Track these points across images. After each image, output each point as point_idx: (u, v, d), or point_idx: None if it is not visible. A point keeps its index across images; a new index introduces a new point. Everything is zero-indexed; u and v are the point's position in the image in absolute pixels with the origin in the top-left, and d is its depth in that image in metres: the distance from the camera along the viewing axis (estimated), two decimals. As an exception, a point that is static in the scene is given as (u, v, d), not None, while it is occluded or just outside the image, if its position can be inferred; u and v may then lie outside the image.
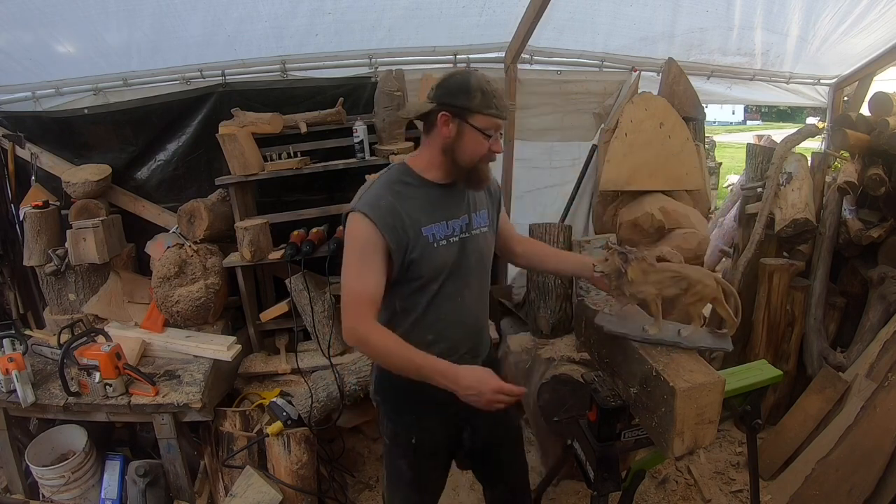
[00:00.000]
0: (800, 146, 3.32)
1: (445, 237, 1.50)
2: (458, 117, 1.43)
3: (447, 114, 1.43)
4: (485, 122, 1.43)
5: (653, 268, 1.54)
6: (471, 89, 1.40)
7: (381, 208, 1.43)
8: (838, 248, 3.11)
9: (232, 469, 2.43)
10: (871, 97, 3.29)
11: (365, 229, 1.41)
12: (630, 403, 1.60)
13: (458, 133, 1.44)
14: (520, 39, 3.04)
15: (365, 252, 1.42)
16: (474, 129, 1.43)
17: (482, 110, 1.42)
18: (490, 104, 1.42)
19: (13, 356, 2.31)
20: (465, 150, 1.46)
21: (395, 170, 1.54)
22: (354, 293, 1.42)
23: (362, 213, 1.42)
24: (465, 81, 1.42)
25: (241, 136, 2.69)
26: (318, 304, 2.68)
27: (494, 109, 1.43)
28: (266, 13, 2.77)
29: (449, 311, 1.54)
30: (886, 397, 2.28)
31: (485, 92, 1.41)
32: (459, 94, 1.41)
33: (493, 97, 1.42)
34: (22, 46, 2.75)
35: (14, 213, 3.02)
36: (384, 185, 1.49)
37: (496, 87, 1.44)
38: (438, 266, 1.49)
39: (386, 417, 1.67)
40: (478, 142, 1.45)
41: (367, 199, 1.45)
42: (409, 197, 1.47)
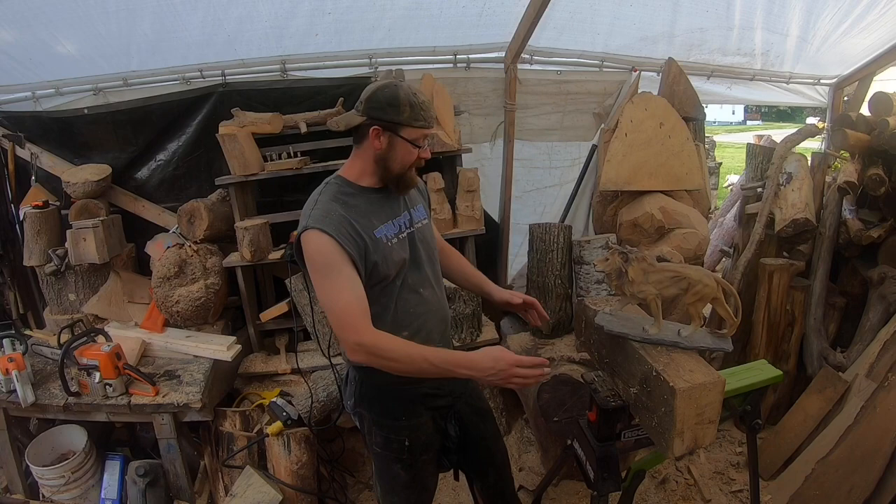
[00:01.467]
0: (800, 146, 3.32)
1: (395, 234, 1.56)
2: (389, 130, 1.47)
3: (378, 128, 1.48)
4: (414, 134, 1.49)
5: (653, 268, 1.54)
6: (399, 103, 1.45)
7: (334, 221, 1.44)
8: (838, 248, 3.11)
9: (232, 469, 2.43)
10: (871, 97, 3.29)
11: (325, 244, 1.41)
12: (630, 403, 1.60)
13: (389, 145, 1.49)
14: (520, 39, 3.04)
15: (334, 267, 1.41)
16: (405, 141, 1.49)
17: (411, 123, 1.47)
18: (418, 116, 1.47)
19: (13, 356, 2.31)
20: (395, 160, 1.51)
21: (333, 184, 1.55)
22: (344, 308, 1.39)
23: (318, 229, 1.42)
24: (394, 95, 1.45)
25: (241, 136, 2.69)
26: (318, 304, 2.67)
27: (423, 121, 1.48)
28: (266, 13, 2.77)
29: (416, 302, 1.59)
30: (886, 397, 2.28)
31: (413, 105, 1.45)
32: (388, 109, 1.45)
33: (421, 109, 1.47)
34: (22, 46, 2.75)
35: (14, 213, 3.02)
36: (329, 199, 1.50)
37: (423, 99, 1.49)
38: (397, 262, 1.53)
39: (375, 426, 1.64)
40: (408, 152, 1.51)
41: (318, 215, 1.45)
42: (354, 205, 1.50)
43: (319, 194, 1.54)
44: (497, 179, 3.48)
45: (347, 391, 1.70)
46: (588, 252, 2.87)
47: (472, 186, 2.84)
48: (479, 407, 1.82)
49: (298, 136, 2.89)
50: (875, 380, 2.38)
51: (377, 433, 1.64)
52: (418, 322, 1.59)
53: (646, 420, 1.53)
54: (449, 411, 1.70)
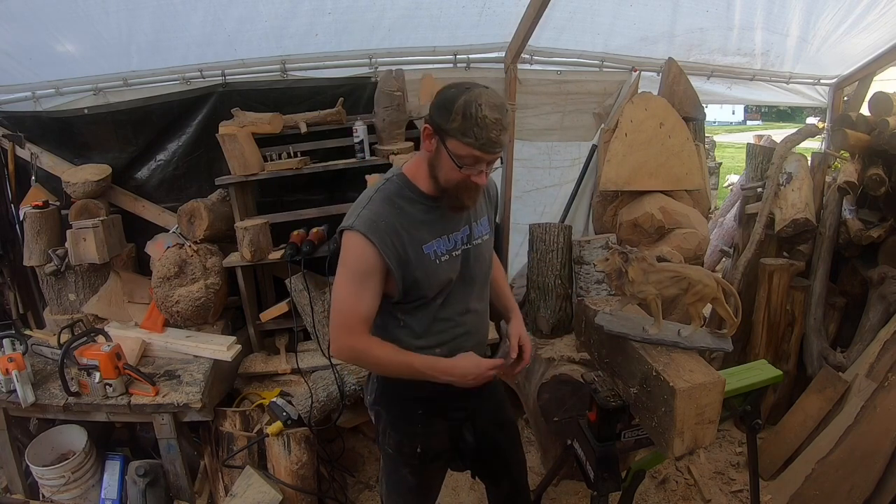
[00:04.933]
0: (800, 146, 3.32)
1: (447, 251, 1.45)
2: (437, 134, 1.33)
3: (429, 127, 1.34)
4: (460, 150, 1.29)
5: (653, 268, 1.54)
6: (453, 108, 1.26)
7: (381, 230, 1.35)
8: (838, 248, 3.11)
9: (232, 469, 2.43)
10: (871, 97, 3.29)
11: (364, 251, 1.35)
12: (630, 403, 1.60)
13: (436, 151, 1.35)
14: (520, 39, 3.04)
15: (363, 273, 1.37)
16: (448, 153, 1.31)
17: (457, 136, 1.27)
18: (468, 132, 1.26)
19: (13, 356, 2.31)
20: (441, 170, 1.36)
21: (395, 182, 1.44)
22: (348, 312, 1.39)
23: (363, 234, 1.34)
24: (453, 98, 1.27)
25: (241, 136, 2.69)
26: (318, 304, 2.67)
27: (472, 139, 1.26)
28: (266, 13, 2.77)
29: (456, 323, 1.53)
30: (886, 397, 2.28)
31: (468, 116, 1.25)
32: (440, 110, 1.29)
33: (476, 124, 1.25)
34: (22, 46, 2.75)
35: (14, 213, 3.02)
36: (384, 201, 1.40)
37: (486, 115, 1.24)
38: (442, 282, 1.45)
39: (390, 427, 1.62)
40: (451, 167, 1.32)
41: (367, 218, 1.36)
42: (409, 213, 1.40)
43: (376, 191, 1.43)
44: (497, 179, 3.48)
45: (369, 387, 1.67)
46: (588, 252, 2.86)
47: (472, 186, 2.83)
48: (500, 418, 1.78)
49: (298, 136, 2.89)
50: (875, 380, 2.38)
51: (391, 435, 1.62)
52: (455, 343, 1.53)
53: (646, 420, 1.53)
54: (466, 422, 1.67)
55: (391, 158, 2.75)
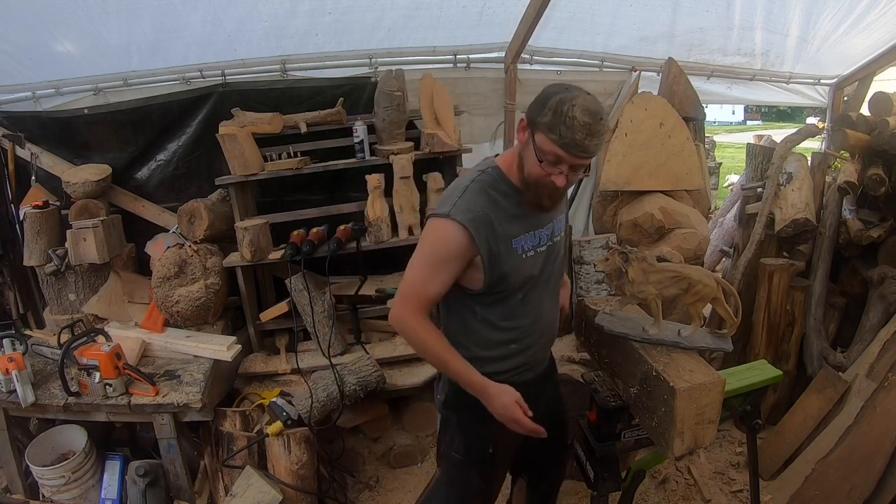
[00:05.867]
0: (800, 146, 3.32)
1: (533, 247, 1.46)
2: (529, 127, 1.34)
3: (524, 119, 1.36)
4: (546, 145, 1.29)
5: (653, 268, 1.55)
6: (547, 104, 1.28)
7: (478, 220, 1.35)
8: (838, 248, 3.11)
9: (232, 469, 2.43)
10: (871, 97, 3.28)
11: (455, 237, 1.35)
12: (630, 403, 1.61)
13: (525, 143, 1.35)
14: (520, 39, 3.04)
15: (446, 259, 1.38)
16: (533, 146, 1.32)
17: (545, 131, 1.28)
18: (555, 128, 1.26)
19: (13, 356, 2.31)
20: (526, 162, 1.36)
21: (490, 174, 1.43)
22: (417, 288, 1.41)
23: (459, 222, 1.34)
24: (549, 94, 1.30)
25: (241, 136, 2.69)
26: (318, 304, 2.67)
27: (557, 136, 1.26)
28: (266, 13, 2.77)
29: (533, 319, 1.52)
30: (886, 397, 2.28)
31: (558, 113, 1.26)
32: (537, 104, 1.32)
33: (564, 123, 1.25)
34: (22, 46, 2.75)
35: (14, 213, 3.01)
36: (480, 191, 1.39)
37: (576, 116, 1.24)
38: (525, 277, 1.45)
39: (458, 430, 1.59)
40: (534, 161, 1.33)
41: (464, 207, 1.36)
42: (502, 206, 1.40)
43: (471, 181, 1.42)
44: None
45: (440, 387, 1.65)
46: (588, 252, 2.87)
47: (472, 186, 2.84)
48: (559, 418, 1.77)
49: (298, 136, 2.88)
50: (875, 380, 2.38)
51: (460, 439, 1.58)
52: (529, 339, 1.53)
53: (646, 420, 1.53)
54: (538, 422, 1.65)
55: (391, 158, 2.75)
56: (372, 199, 2.73)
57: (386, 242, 2.77)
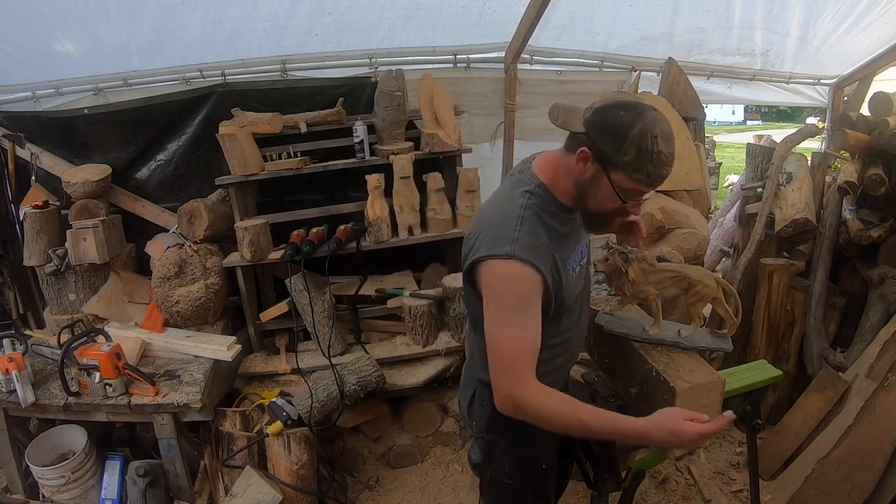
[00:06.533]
0: (800, 146, 3.32)
1: (578, 263, 1.40)
2: (599, 162, 1.19)
3: (588, 151, 1.20)
4: (627, 184, 1.19)
5: (653, 268, 1.55)
6: (627, 139, 1.14)
7: (543, 253, 1.23)
8: (838, 248, 3.11)
9: (232, 469, 2.43)
10: (871, 97, 3.28)
11: (531, 281, 1.21)
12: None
13: (592, 178, 1.22)
14: (520, 39, 3.04)
15: (528, 302, 1.22)
16: (611, 185, 1.20)
17: (628, 172, 1.17)
18: (642, 168, 1.16)
19: (13, 356, 2.31)
20: (593, 198, 1.24)
21: (539, 195, 1.29)
22: (514, 352, 1.21)
23: (528, 262, 1.19)
24: (627, 125, 1.15)
25: (241, 136, 2.69)
26: (318, 304, 2.67)
27: (644, 176, 1.17)
28: (266, 13, 2.77)
29: (576, 333, 1.48)
30: (886, 397, 2.28)
31: (643, 150, 1.14)
32: (610, 137, 1.16)
33: (651, 161, 1.15)
34: (22, 46, 2.75)
35: (14, 213, 3.01)
36: (536, 219, 1.26)
37: (662, 150, 1.15)
38: (574, 295, 1.39)
39: (510, 453, 1.47)
40: (611, 198, 1.22)
41: (527, 243, 1.21)
42: (555, 229, 1.29)
43: (524, 207, 1.26)
44: (497, 179, 3.48)
45: (474, 412, 1.49)
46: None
47: (472, 186, 2.84)
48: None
49: (298, 136, 2.88)
50: (875, 380, 2.38)
51: (511, 461, 1.47)
52: (573, 349, 1.50)
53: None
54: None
55: (391, 158, 2.75)
56: (372, 199, 2.73)
57: (386, 242, 2.78)
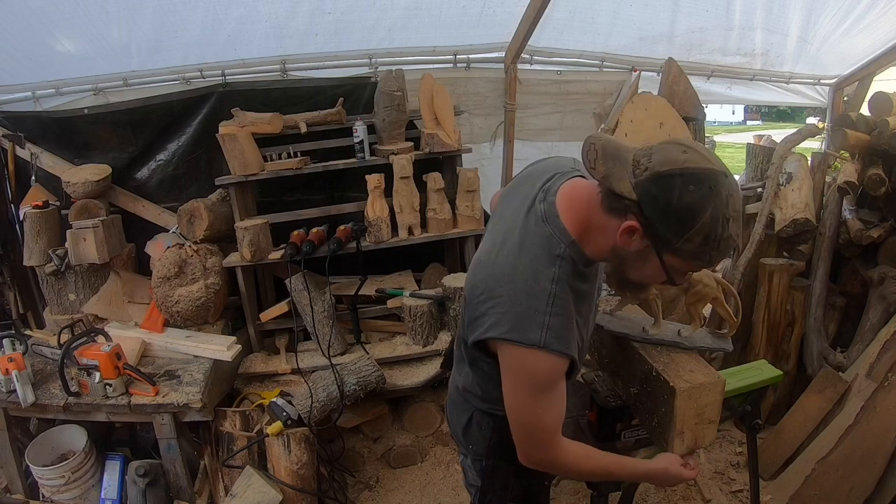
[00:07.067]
0: (800, 146, 3.32)
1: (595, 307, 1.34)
2: (651, 241, 1.02)
3: (637, 227, 1.01)
4: (681, 267, 1.06)
5: (653, 268, 1.54)
6: (693, 225, 0.96)
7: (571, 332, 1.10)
8: (838, 248, 3.11)
9: (232, 469, 2.43)
10: (871, 97, 3.28)
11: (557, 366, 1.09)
12: (630, 403, 1.60)
13: (639, 253, 1.06)
14: (520, 39, 3.04)
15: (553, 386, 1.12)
16: (662, 265, 1.05)
17: (687, 259, 1.03)
18: (704, 255, 1.01)
19: (13, 356, 2.31)
20: (636, 272, 1.11)
21: (569, 259, 1.11)
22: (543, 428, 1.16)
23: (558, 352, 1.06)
24: (696, 210, 0.96)
25: (241, 136, 2.69)
26: (318, 304, 2.68)
27: (705, 263, 1.04)
28: (266, 13, 2.77)
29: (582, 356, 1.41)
30: (886, 397, 2.28)
31: (710, 240, 0.98)
32: (672, 221, 0.98)
33: (716, 248, 1.00)
34: (22, 46, 2.75)
35: (14, 213, 3.02)
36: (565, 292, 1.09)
37: (731, 234, 0.99)
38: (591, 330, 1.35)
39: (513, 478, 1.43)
40: (658, 276, 1.09)
41: (559, 329, 1.06)
42: (582, 291, 1.16)
43: (555, 283, 1.08)
44: (497, 179, 3.48)
45: (472, 436, 1.43)
46: (588, 252, 2.87)
47: (472, 186, 2.84)
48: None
49: (298, 136, 2.89)
50: (875, 380, 2.38)
51: (515, 485, 1.43)
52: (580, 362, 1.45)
53: (646, 420, 1.53)
54: None
55: (391, 158, 2.75)
56: (372, 199, 2.73)
57: (386, 242, 2.78)
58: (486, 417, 1.37)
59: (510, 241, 1.14)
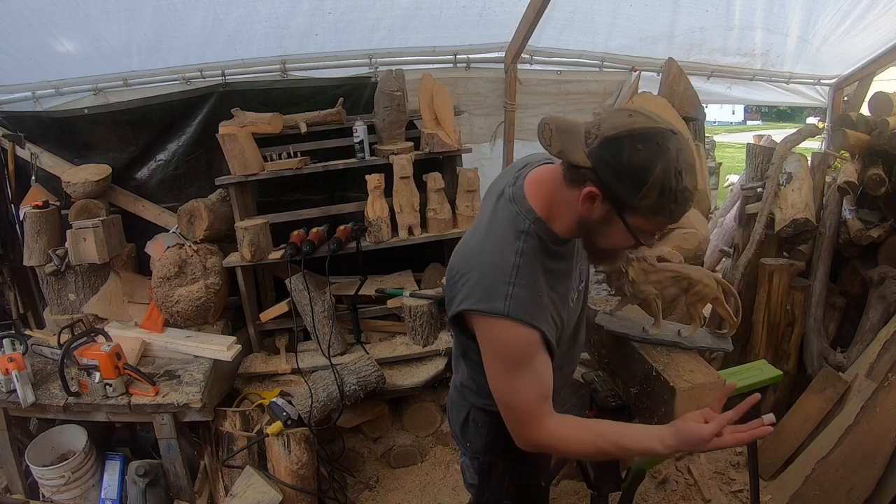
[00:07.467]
0: (800, 146, 3.32)
1: (576, 288, 1.31)
2: (611, 204, 1.05)
3: (597, 192, 1.04)
4: (646, 226, 1.07)
5: (653, 268, 1.55)
6: (648, 182, 0.99)
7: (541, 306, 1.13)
8: (838, 248, 3.11)
9: (232, 469, 2.43)
10: (871, 97, 3.28)
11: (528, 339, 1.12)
12: (630, 403, 1.61)
13: (602, 219, 1.08)
14: (520, 39, 3.04)
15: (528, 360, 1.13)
16: (626, 227, 1.07)
17: (647, 215, 1.04)
18: (664, 210, 1.03)
19: (13, 356, 2.31)
20: (605, 238, 1.12)
21: (535, 235, 1.15)
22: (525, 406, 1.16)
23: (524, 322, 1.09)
24: (647, 166, 0.99)
25: (241, 136, 2.69)
26: (318, 304, 2.68)
27: (666, 217, 1.05)
28: (266, 13, 2.77)
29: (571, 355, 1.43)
30: (886, 397, 2.28)
31: (666, 192, 1.00)
32: (626, 181, 1.01)
33: (674, 200, 1.02)
34: (22, 46, 2.75)
35: (14, 213, 3.01)
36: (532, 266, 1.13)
37: (686, 186, 1.02)
38: (574, 319, 1.33)
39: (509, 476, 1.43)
40: (625, 239, 1.10)
41: (522, 299, 1.10)
42: (553, 269, 1.18)
43: (519, 255, 1.12)
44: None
45: (469, 434, 1.44)
46: (588, 252, 2.86)
47: (472, 186, 2.84)
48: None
49: (298, 136, 2.88)
50: (875, 380, 2.38)
51: (510, 483, 1.43)
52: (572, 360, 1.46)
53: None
54: None
55: (391, 158, 2.75)
56: (372, 199, 2.73)
57: (386, 242, 2.78)
58: (483, 414, 1.39)
59: (481, 225, 1.23)
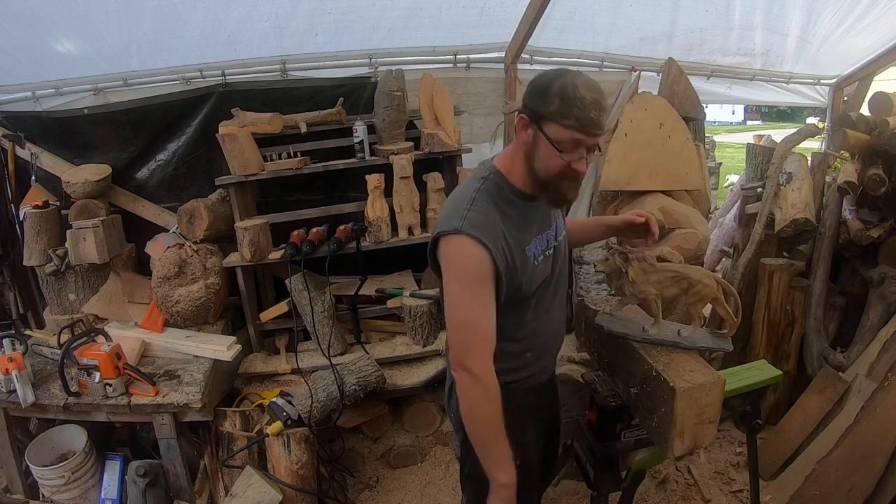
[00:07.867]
0: (800, 146, 3.32)
1: (542, 251, 1.40)
2: (534, 122, 1.26)
3: (524, 116, 1.27)
4: (560, 135, 1.23)
5: (653, 268, 1.55)
6: (549, 92, 1.22)
7: (492, 232, 1.27)
8: (838, 248, 3.11)
9: (232, 469, 2.43)
10: (871, 97, 3.28)
11: (479, 256, 1.25)
12: (630, 403, 1.60)
13: (534, 140, 1.27)
14: (520, 39, 3.05)
15: (480, 283, 1.26)
16: (547, 141, 1.24)
17: (557, 119, 1.22)
18: (568, 113, 1.20)
19: (13, 356, 2.31)
20: (540, 160, 1.28)
21: (493, 181, 1.35)
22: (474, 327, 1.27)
23: (475, 238, 1.24)
24: (548, 83, 1.23)
25: (241, 136, 2.69)
26: (318, 304, 2.68)
27: (572, 120, 1.21)
28: (266, 13, 2.77)
29: (544, 321, 1.47)
30: (886, 397, 2.28)
31: (565, 98, 1.20)
32: (536, 95, 1.25)
33: (575, 105, 1.20)
34: (22, 46, 2.75)
35: (14, 213, 3.02)
36: (488, 202, 1.31)
37: (584, 95, 1.20)
38: (538, 282, 1.39)
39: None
40: (551, 155, 1.25)
41: (476, 220, 1.26)
42: (510, 215, 1.33)
43: (477, 191, 1.32)
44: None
45: (452, 405, 1.51)
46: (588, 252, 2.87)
47: (472, 186, 2.84)
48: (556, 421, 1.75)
49: (298, 136, 2.89)
50: (875, 380, 2.38)
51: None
52: (543, 344, 1.50)
53: (646, 420, 1.53)
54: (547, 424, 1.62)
55: (391, 158, 2.75)
56: (372, 199, 2.73)
57: (386, 242, 2.78)
58: None
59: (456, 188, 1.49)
